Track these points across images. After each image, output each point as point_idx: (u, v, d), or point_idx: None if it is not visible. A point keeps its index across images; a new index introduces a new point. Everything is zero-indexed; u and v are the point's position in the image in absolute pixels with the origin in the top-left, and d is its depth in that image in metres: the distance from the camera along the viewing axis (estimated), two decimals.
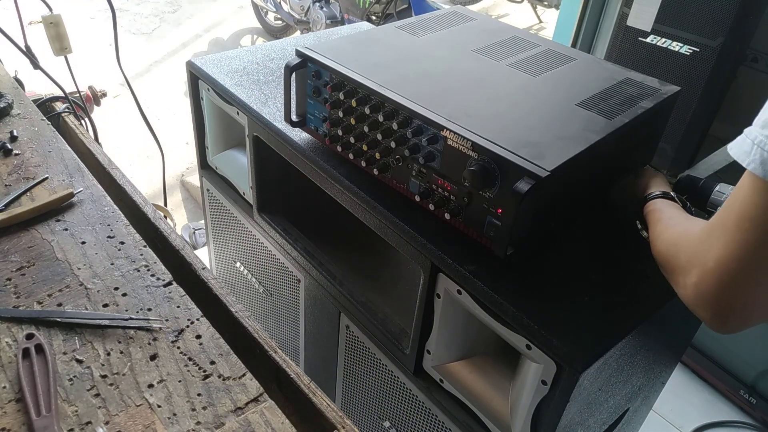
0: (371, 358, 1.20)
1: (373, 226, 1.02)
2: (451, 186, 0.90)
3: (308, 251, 1.27)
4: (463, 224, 0.90)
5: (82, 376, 0.66)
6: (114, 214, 0.90)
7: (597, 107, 0.96)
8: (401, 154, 0.95)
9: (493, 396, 0.97)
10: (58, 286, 0.76)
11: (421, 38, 1.14)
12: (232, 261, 1.63)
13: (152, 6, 5.35)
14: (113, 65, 1.63)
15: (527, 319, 0.79)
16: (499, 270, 0.87)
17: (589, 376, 0.79)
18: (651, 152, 1.12)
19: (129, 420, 0.62)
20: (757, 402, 1.85)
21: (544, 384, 0.82)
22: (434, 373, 1.03)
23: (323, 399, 0.70)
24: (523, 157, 0.80)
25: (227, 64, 1.36)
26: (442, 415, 1.05)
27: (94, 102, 1.68)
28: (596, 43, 2.18)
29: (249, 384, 0.68)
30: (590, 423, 0.98)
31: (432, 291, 0.95)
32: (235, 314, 0.79)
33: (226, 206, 1.52)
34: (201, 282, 0.84)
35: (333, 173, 1.06)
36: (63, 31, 1.56)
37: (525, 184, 0.78)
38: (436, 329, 0.98)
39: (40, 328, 0.71)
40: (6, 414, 0.61)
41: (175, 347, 0.71)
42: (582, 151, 0.84)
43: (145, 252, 0.84)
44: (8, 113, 1.09)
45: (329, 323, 1.30)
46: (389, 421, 1.24)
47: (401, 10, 3.77)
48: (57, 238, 0.84)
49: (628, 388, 1.04)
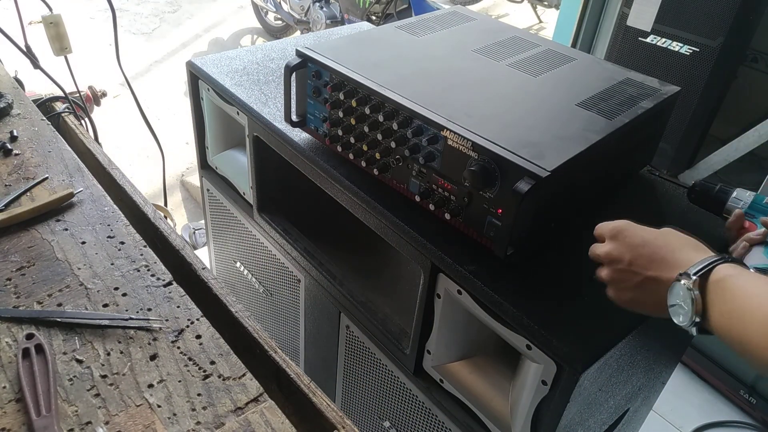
0: (371, 358, 1.20)
1: (374, 226, 1.02)
2: (452, 186, 0.90)
3: (308, 251, 1.27)
4: (463, 224, 0.90)
5: (82, 376, 0.66)
6: (114, 214, 0.90)
7: (597, 107, 0.96)
8: (401, 154, 0.95)
9: (494, 396, 0.97)
10: (58, 286, 0.76)
11: (421, 38, 1.14)
12: (232, 261, 1.63)
13: (152, 6, 5.35)
14: (113, 65, 1.63)
15: (527, 319, 0.79)
16: (499, 270, 0.87)
17: (589, 377, 0.79)
18: (651, 152, 1.12)
19: (129, 420, 0.62)
20: (757, 402, 1.85)
21: (544, 384, 0.82)
22: (434, 373, 1.03)
23: (323, 399, 0.70)
24: (523, 157, 0.80)
25: (227, 64, 1.36)
26: (442, 415, 1.05)
27: (94, 102, 1.68)
28: (596, 43, 2.18)
29: (249, 384, 0.68)
30: (590, 423, 0.98)
31: (432, 291, 0.95)
32: (235, 314, 0.79)
33: (226, 206, 1.52)
34: (201, 282, 0.84)
35: (333, 173, 1.06)
36: (63, 31, 1.56)
37: (525, 184, 0.78)
38: (436, 329, 0.98)
39: (40, 328, 0.71)
40: (6, 414, 0.61)
41: (175, 347, 0.71)
42: (582, 151, 0.84)
43: (145, 252, 0.84)
44: (8, 113, 1.09)
45: (329, 323, 1.30)
46: (389, 421, 1.24)
47: (401, 10, 3.77)
48: (57, 238, 0.84)
49: (628, 388, 1.04)
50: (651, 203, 1.07)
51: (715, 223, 1.00)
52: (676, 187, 1.12)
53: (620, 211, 1.02)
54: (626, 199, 1.07)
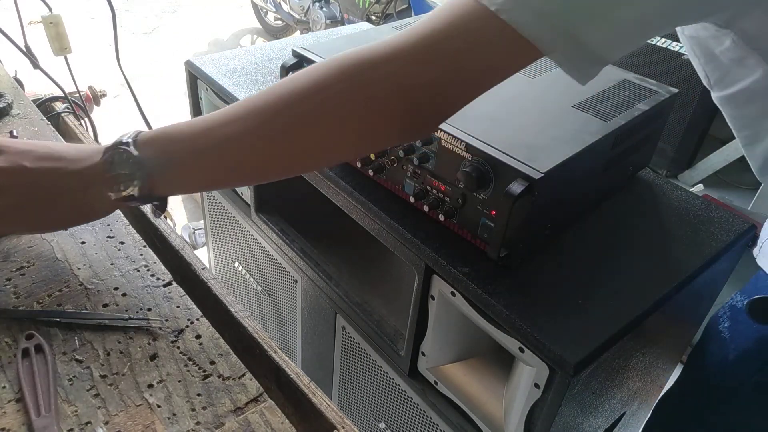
0: (367, 359, 1.21)
1: (368, 227, 1.02)
2: (446, 187, 0.91)
3: (305, 251, 1.28)
4: (457, 226, 0.91)
5: (82, 376, 0.67)
6: (114, 214, 0.91)
7: (593, 109, 0.96)
8: (396, 155, 0.96)
9: (488, 398, 0.97)
10: (58, 286, 0.77)
11: None
12: (230, 261, 1.64)
13: (152, 6, 5.35)
14: (113, 65, 1.63)
15: (520, 322, 0.80)
16: (492, 272, 0.87)
17: (582, 380, 0.79)
18: (649, 155, 1.13)
19: (129, 420, 0.63)
20: None
21: (537, 387, 0.83)
22: (429, 375, 1.04)
23: (323, 399, 0.71)
24: (516, 159, 0.81)
25: (226, 64, 1.37)
26: (436, 417, 1.06)
27: (94, 102, 1.69)
28: None
29: (249, 384, 0.68)
30: (585, 426, 0.99)
31: (426, 293, 0.96)
32: (234, 314, 0.80)
33: (225, 206, 1.53)
34: (201, 282, 0.84)
35: (328, 174, 1.06)
36: (63, 31, 1.56)
37: (518, 186, 0.78)
38: (430, 331, 0.99)
39: (40, 328, 0.71)
40: (6, 414, 0.62)
41: (174, 347, 0.71)
42: (576, 153, 0.85)
43: (144, 252, 0.84)
44: (8, 113, 1.09)
45: (325, 324, 1.30)
46: (384, 422, 1.24)
47: (401, 10, 3.77)
48: (57, 238, 0.84)
49: (624, 391, 1.05)
50: (649, 204, 1.08)
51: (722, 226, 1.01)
52: (675, 188, 1.12)
53: (617, 212, 1.03)
54: (623, 200, 1.07)
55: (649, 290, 0.87)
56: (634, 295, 0.87)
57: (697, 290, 0.97)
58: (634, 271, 0.91)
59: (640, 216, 1.04)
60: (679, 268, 0.92)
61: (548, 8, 0.54)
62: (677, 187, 1.12)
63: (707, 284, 1.03)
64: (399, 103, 0.60)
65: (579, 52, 0.57)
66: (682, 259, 0.94)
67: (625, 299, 0.86)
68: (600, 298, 0.86)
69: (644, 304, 0.85)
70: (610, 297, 0.86)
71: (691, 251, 0.96)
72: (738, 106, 0.68)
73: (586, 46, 0.56)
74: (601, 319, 0.82)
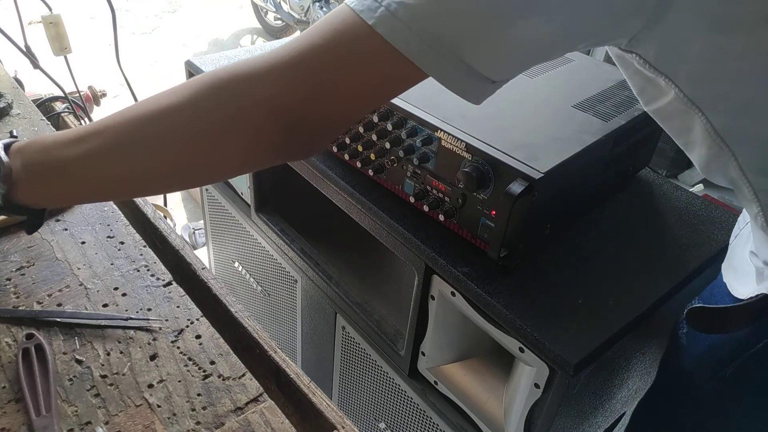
0: (367, 359, 1.21)
1: (368, 227, 1.02)
2: (446, 187, 0.91)
3: (305, 251, 1.28)
4: (457, 226, 0.91)
5: (82, 376, 0.67)
6: (114, 214, 0.91)
7: (593, 109, 0.96)
8: (396, 155, 0.96)
9: (488, 398, 0.97)
10: (58, 286, 0.77)
11: None
12: (230, 261, 1.64)
13: (152, 6, 5.35)
14: (113, 65, 1.63)
15: (520, 322, 0.80)
16: (492, 272, 0.87)
17: (582, 380, 0.79)
18: (649, 154, 1.13)
19: (129, 420, 0.63)
20: None
21: (537, 387, 0.83)
22: (429, 375, 1.04)
23: (323, 399, 0.71)
24: (516, 159, 0.81)
25: (225, 64, 1.37)
26: (436, 417, 1.06)
27: (94, 102, 1.69)
28: None
29: (249, 384, 0.69)
30: (585, 426, 0.99)
31: (426, 293, 0.96)
32: (234, 314, 0.80)
33: (225, 206, 1.53)
34: (201, 282, 0.85)
35: (329, 174, 1.06)
36: (63, 31, 1.57)
37: (518, 186, 0.78)
38: (430, 331, 0.99)
39: (40, 328, 0.71)
40: (6, 414, 0.62)
41: (174, 347, 0.72)
42: (576, 153, 0.85)
43: (144, 252, 0.85)
44: (8, 113, 1.09)
45: (325, 324, 1.30)
46: (384, 422, 1.24)
47: None
48: (57, 238, 0.85)
49: (624, 392, 1.05)
50: (649, 204, 1.08)
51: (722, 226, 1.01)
52: (675, 188, 1.12)
53: (617, 212, 1.03)
54: (624, 200, 1.07)
55: (649, 290, 0.87)
56: (634, 295, 0.87)
57: (697, 290, 0.97)
58: (634, 271, 0.91)
59: (640, 216, 1.04)
60: (679, 268, 0.92)
61: (431, 27, 0.49)
62: (677, 187, 1.12)
63: (707, 284, 1.02)
64: (270, 123, 0.55)
65: (465, 73, 0.53)
66: (682, 259, 0.94)
67: (625, 299, 0.86)
68: (600, 298, 0.86)
69: (644, 304, 0.85)
70: (610, 297, 0.86)
71: (691, 251, 0.96)
72: (662, 120, 0.67)
73: (472, 69, 0.52)
74: (601, 319, 0.82)
